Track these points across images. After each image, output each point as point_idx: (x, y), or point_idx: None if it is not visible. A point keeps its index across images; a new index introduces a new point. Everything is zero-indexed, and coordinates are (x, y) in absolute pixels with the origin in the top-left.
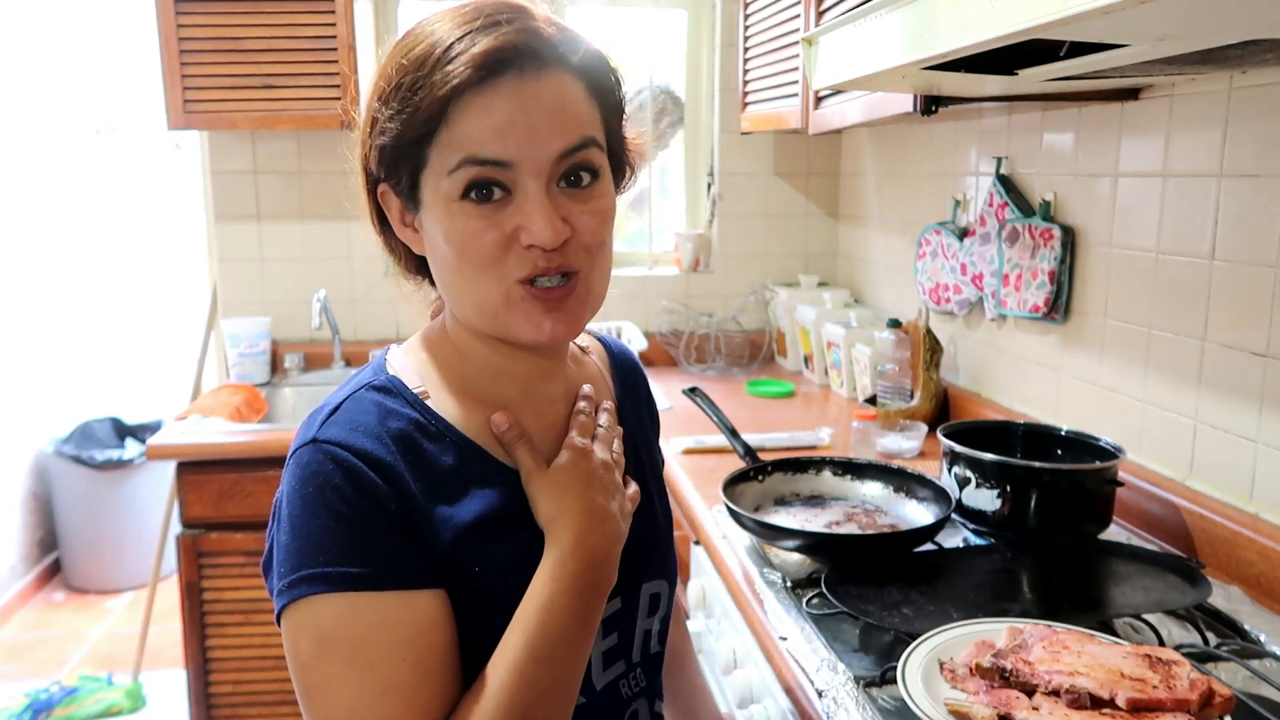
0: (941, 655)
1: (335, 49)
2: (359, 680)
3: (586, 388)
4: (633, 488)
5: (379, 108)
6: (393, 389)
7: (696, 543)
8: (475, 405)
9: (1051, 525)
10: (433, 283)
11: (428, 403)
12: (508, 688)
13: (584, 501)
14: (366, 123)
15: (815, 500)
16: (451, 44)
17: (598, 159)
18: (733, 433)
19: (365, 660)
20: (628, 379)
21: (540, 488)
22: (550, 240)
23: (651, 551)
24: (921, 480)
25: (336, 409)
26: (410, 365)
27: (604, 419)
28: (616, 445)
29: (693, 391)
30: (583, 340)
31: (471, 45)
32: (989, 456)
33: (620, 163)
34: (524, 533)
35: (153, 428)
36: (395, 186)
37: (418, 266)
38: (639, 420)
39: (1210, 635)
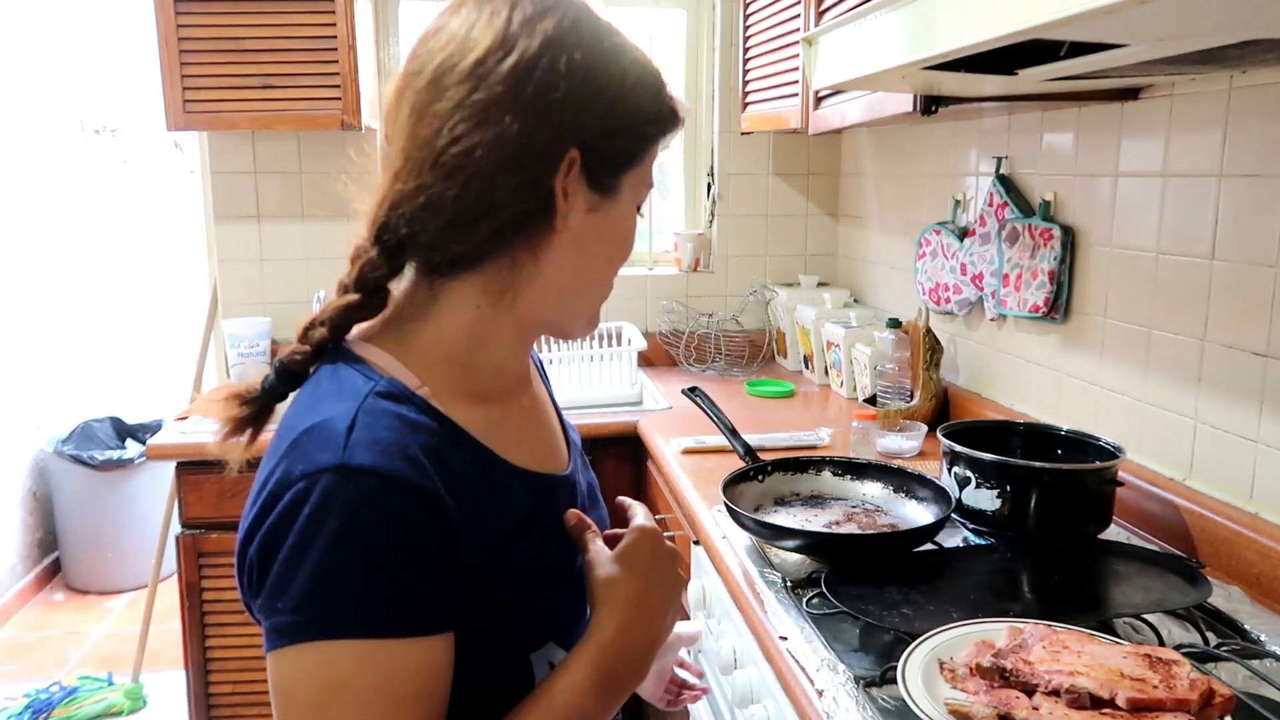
0: (941, 655)
1: (335, 49)
2: None
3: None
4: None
5: (635, 86)
6: (399, 394)
7: (696, 543)
8: (472, 403)
9: (1051, 525)
10: (465, 260)
11: (434, 404)
12: None
13: (636, 593)
14: (614, 89)
15: (815, 500)
16: (666, 81)
17: None
18: (733, 433)
19: (374, 709)
20: (535, 361)
21: (600, 565)
22: None
23: (595, 514)
24: (921, 480)
25: (352, 426)
26: (395, 363)
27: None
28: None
29: (693, 391)
30: None
31: (674, 93)
32: (989, 456)
33: None
34: (538, 536)
35: (153, 428)
36: (596, 159)
37: (491, 234)
38: (550, 392)
39: (1210, 635)
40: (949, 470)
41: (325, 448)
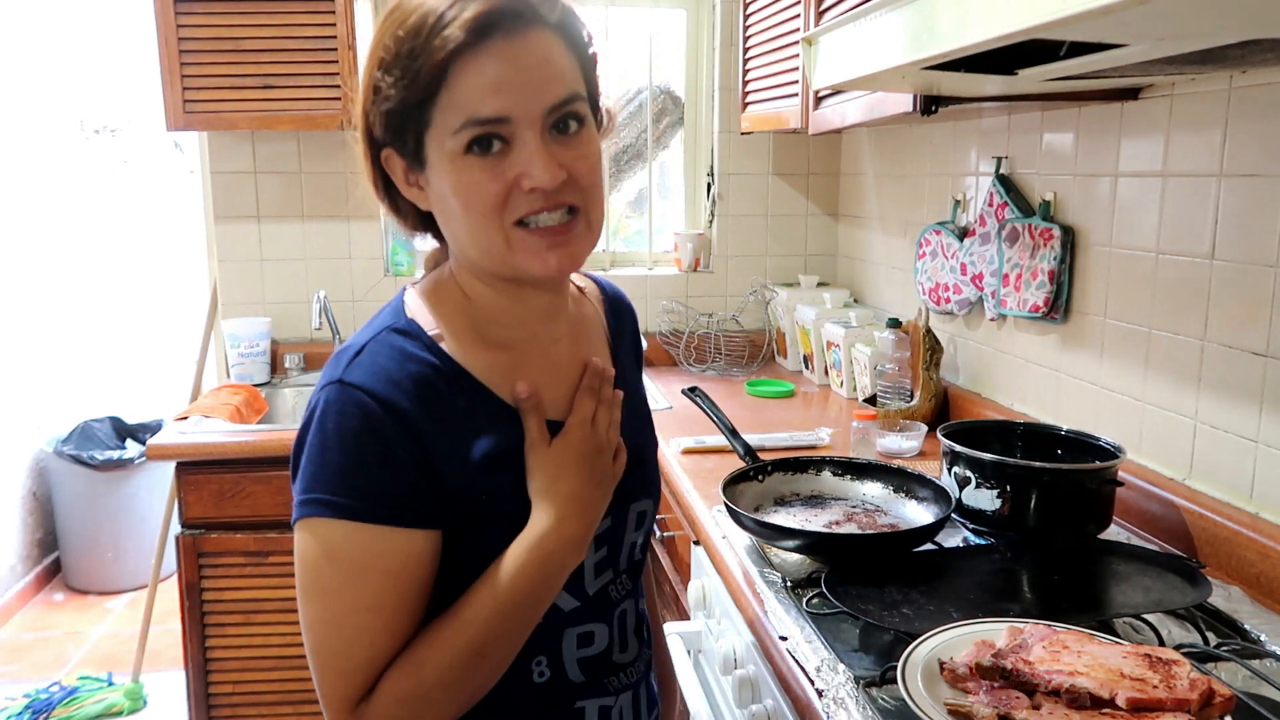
0: (941, 655)
1: (335, 49)
2: (354, 593)
3: (596, 360)
4: (622, 456)
5: (380, 76)
6: (411, 332)
7: (696, 543)
8: (484, 348)
9: (1051, 525)
10: (436, 235)
11: (442, 345)
12: (472, 629)
13: (571, 488)
14: (368, 91)
15: (815, 500)
16: (443, 12)
17: (582, 109)
18: (733, 433)
19: (362, 579)
20: (619, 316)
21: (538, 463)
22: (549, 182)
23: (640, 474)
24: (921, 480)
25: (360, 351)
26: (425, 308)
27: (606, 390)
28: (615, 414)
29: (693, 391)
30: (579, 281)
31: (462, 11)
32: (989, 456)
33: (597, 109)
34: (524, 465)
35: (153, 428)
36: (400, 149)
37: (422, 222)
38: (628, 356)
39: (1210, 635)
40: (949, 470)
41: (337, 367)
